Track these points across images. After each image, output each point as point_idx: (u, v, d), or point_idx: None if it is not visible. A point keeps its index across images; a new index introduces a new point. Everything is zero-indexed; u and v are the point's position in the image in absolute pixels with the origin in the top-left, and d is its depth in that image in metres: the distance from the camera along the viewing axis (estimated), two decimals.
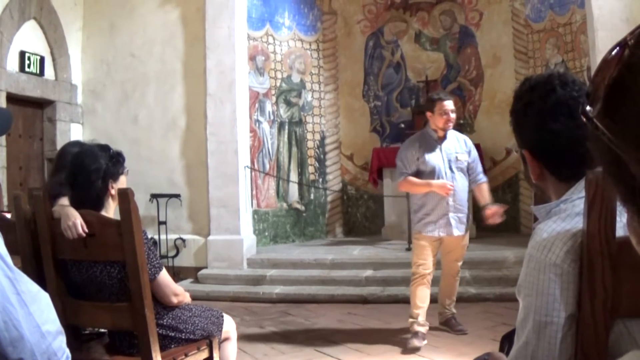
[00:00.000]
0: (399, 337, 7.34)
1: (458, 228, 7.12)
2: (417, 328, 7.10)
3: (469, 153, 7.26)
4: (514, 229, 12.97)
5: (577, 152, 2.06)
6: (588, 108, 0.86)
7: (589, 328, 1.82)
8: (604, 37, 9.78)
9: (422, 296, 7.19)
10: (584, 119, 0.87)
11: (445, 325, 7.52)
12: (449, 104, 7.08)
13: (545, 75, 2.21)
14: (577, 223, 1.90)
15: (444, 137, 7.17)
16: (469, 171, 7.25)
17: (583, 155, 2.05)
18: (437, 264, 7.52)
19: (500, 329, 7.39)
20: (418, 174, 7.11)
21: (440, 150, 7.14)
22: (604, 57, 0.87)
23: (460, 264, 7.49)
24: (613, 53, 0.84)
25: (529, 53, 12.86)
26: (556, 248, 1.87)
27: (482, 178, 7.25)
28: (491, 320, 7.94)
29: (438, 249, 7.33)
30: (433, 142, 7.18)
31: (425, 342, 7.06)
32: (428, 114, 7.22)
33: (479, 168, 7.29)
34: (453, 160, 7.12)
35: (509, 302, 8.41)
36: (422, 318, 7.18)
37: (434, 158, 7.09)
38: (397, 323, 7.71)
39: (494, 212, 6.87)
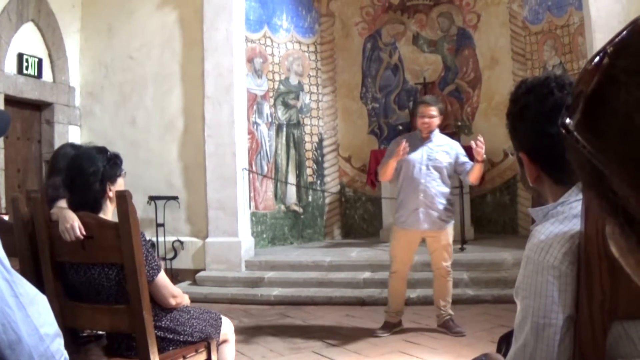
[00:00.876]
0: (397, 339, 7.36)
1: (427, 223, 7.31)
2: (386, 318, 7.65)
3: (454, 156, 7.44)
4: (511, 230, 13.03)
5: None
6: (567, 120, 0.84)
7: (586, 330, 1.82)
8: (602, 39, 9.78)
9: (394, 290, 7.61)
10: (563, 131, 0.85)
11: (443, 327, 7.54)
12: (428, 109, 7.43)
13: (542, 77, 2.21)
14: (575, 225, 1.90)
15: (428, 138, 7.44)
16: (458, 171, 7.45)
17: None
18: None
19: (498, 331, 7.38)
20: (398, 166, 7.39)
21: (423, 148, 7.40)
22: (584, 66, 0.85)
23: (447, 264, 7.50)
24: (593, 62, 0.82)
25: (527, 55, 12.87)
26: (554, 250, 1.87)
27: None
28: (489, 322, 7.95)
29: (417, 244, 7.57)
30: (417, 141, 7.47)
31: (388, 334, 7.53)
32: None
33: (468, 164, 7.39)
34: (432, 159, 7.36)
35: (507, 304, 8.41)
36: (393, 310, 7.62)
37: (413, 154, 7.36)
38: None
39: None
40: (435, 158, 7.33)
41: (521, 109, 2.19)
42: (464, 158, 7.41)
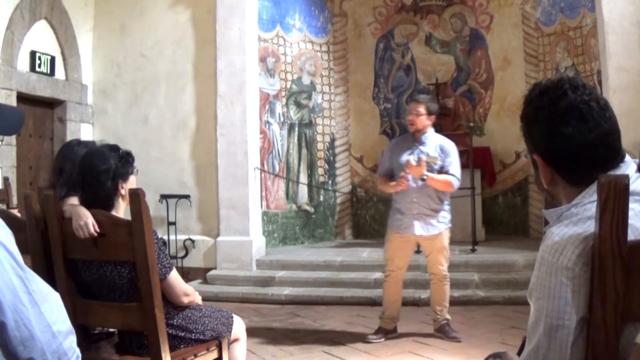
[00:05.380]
0: (408, 340, 7.35)
1: (423, 228, 7.20)
2: (380, 324, 7.56)
3: (443, 158, 7.20)
4: (523, 232, 13.00)
5: (589, 156, 2.06)
6: None
7: (600, 332, 1.82)
8: (615, 41, 9.77)
9: (389, 294, 7.53)
10: None
11: (439, 332, 7.43)
12: (415, 106, 7.30)
13: (555, 79, 2.21)
14: (589, 227, 1.90)
15: (420, 140, 7.31)
16: (441, 172, 7.18)
17: (594, 159, 2.06)
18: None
19: (509, 332, 7.41)
20: (392, 171, 7.34)
21: (414, 151, 7.23)
22: None
23: (443, 268, 7.36)
24: None
25: (539, 56, 12.84)
26: (568, 251, 1.87)
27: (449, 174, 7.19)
28: (500, 324, 7.93)
29: (412, 248, 7.48)
30: (410, 143, 7.37)
31: (382, 339, 7.42)
32: None
33: (451, 171, 7.16)
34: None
35: (518, 306, 8.43)
36: (388, 317, 7.53)
37: (405, 157, 7.19)
38: (404, 325, 7.70)
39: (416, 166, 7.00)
40: (427, 161, 7.08)
41: (535, 111, 2.20)
42: (450, 163, 7.18)
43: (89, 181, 4.06)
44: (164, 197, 11.16)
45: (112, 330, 4.48)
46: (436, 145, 7.28)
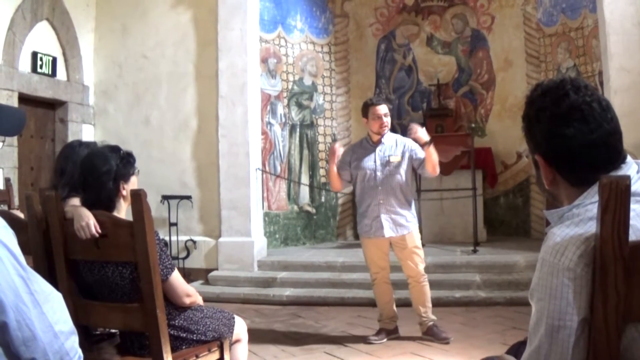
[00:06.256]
0: (409, 340, 7.35)
1: (392, 229, 7.23)
2: (380, 325, 7.57)
3: (408, 154, 7.26)
4: (524, 233, 12.99)
5: (590, 157, 2.06)
6: None
7: (601, 332, 1.82)
8: (616, 42, 9.77)
9: (380, 296, 7.59)
10: None
11: (428, 334, 7.35)
12: (382, 109, 7.33)
13: (557, 80, 2.21)
14: (590, 227, 1.90)
15: (379, 142, 7.36)
16: (415, 166, 7.27)
17: (596, 160, 2.06)
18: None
19: (510, 333, 7.39)
20: (353, 177, 7.42)
21: (375, 154, 7.32)
22: None
23: (419, 269, 7.33)
24: None
25: (541, 57, 12.84)
26: (569, 252, 1.87)
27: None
28: (501, 325, 7.92)
29: (387, 248, 7.44)
30: (369, 147, 7.43)
31: (384, 340, 7.42)
32: (364, 120, 7.53)
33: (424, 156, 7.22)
34: (384, 163, 7.24)
35: (520, 306, 8.42)
36: (386, 317, 7.55)
37: (366, 162, 7.32)
38: (406, 326, 7.68)
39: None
40: (389, 161, 7.22)
41: (537, 111, 2.19)
42: (419, 153, 7.21)
43: (91, 182, 4.06)
44: (166, 197, 11.16)
45: (113, 331, 4.48)
46: (394, 143, 7.38)
